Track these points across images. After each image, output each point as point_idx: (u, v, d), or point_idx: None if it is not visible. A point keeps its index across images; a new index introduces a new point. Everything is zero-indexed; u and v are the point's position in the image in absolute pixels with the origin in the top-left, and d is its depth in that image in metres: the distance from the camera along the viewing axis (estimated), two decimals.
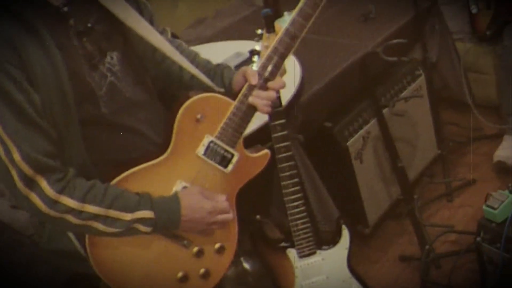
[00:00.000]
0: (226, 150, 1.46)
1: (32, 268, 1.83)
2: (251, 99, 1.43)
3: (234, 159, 1.46)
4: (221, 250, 1.51)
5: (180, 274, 1.47)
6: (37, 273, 1.82)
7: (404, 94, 2.46)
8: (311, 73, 2.22)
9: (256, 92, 1.43)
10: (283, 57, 1.43)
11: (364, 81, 2.36)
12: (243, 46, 2.27)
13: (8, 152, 1.24)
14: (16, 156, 1.24)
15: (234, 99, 1.45)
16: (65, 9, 1.31)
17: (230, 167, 1.46)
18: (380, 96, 2.39)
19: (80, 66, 1.35)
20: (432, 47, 2.65)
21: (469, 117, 2.78)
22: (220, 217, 1.44)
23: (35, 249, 1.60)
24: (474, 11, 2.72)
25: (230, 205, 1.50)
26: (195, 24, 3.14)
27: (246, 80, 1.45)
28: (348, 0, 2.79)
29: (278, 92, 1.54)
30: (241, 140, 1.48)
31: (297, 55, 2.12)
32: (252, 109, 1.47)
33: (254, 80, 1.42)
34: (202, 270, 1.49)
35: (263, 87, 1.45)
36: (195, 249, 1.47)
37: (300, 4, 1.41)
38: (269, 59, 1.44)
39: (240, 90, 1.45)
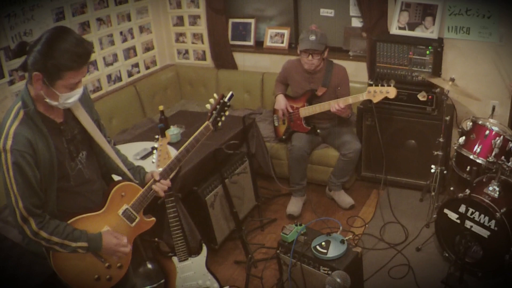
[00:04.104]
0: (133, 214, 1.74)
1: (31, 267, 2.09)
2: (154, 187, 1.72)
3: (137, 220, 1.75)
4: (120, 267, 1.76)
5: (96, 276, 1.71)
6: (33, 270, 2.07)
7: (237, 171, 2.95)
8: (186, 160, 2.10)
9: (158, 183, 1.73)
10: (172, 170, 1.76)
11: (215, 164, 2.72)
12: (148, 145, 2.73)
13: (16, 201, 1.48)
14: (20, 205, 1.48)
15: (143, 187, 1.75)
16: (61, 126, 1.57)
17: (134, 223, 1.75)
18: (224, 172, 2.81)
19: (65, 158, 1.58)
20: (252, 145, 3.12)
21: (273, 184, 3.31)
22: (121, 249, 1.68)
23: (33, 257, 1.70)
24: (276, 124, 3.36)
25: (129, 243, 1.72)
26: (121, 132, 3.59)
27: (152, 177, 1.75)
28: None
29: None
30: (142, 210, 1.76)
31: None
32: (151, 194, 1.73)
33: (157, 177, 1.73)
34: (108, 276, 1.73)
35: (161, 182, 1.71)
36: (107, 264, 1.72)
37: (182, 148, 1.74)
38: (165, 169, 1.75)
39: (147, 182, 1.75)
